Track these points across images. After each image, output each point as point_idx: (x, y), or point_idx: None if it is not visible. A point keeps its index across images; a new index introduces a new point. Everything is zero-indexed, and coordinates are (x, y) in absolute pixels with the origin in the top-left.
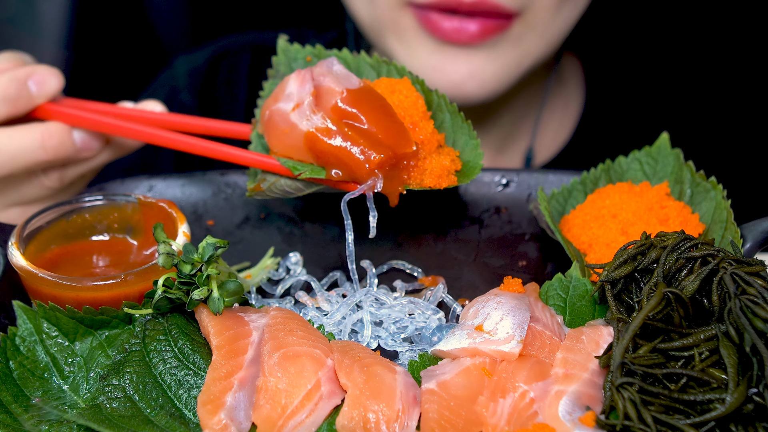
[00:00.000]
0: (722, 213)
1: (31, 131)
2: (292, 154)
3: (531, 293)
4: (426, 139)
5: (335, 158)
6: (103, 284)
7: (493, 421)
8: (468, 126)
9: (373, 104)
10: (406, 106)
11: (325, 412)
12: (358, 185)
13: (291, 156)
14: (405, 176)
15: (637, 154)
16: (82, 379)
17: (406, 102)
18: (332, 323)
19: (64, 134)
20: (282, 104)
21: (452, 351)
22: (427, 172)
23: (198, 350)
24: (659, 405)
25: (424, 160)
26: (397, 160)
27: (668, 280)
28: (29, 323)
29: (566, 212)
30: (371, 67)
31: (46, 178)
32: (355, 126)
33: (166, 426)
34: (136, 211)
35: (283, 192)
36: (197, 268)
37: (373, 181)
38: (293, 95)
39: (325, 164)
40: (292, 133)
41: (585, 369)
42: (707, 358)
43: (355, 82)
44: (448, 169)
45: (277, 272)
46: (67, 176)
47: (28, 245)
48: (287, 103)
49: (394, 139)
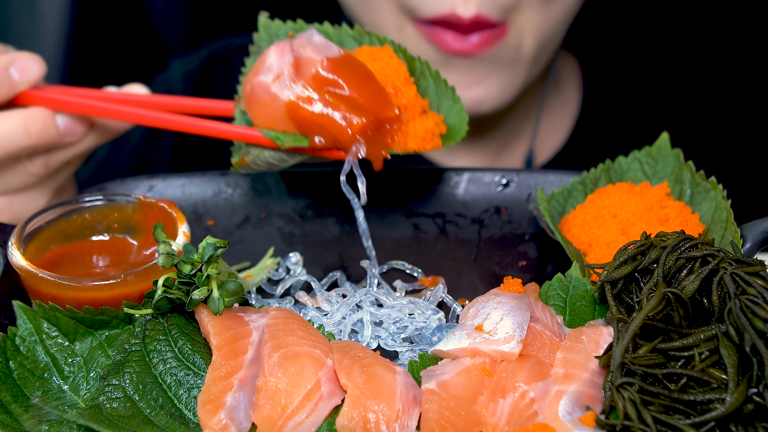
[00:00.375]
0: (722, 213)
1: (13, 117)
2: (275, 126)
3: (531, 293)
4: (409, 104)
5: (317, 125)
6: (103, 284)
7: (493, 421)
8: (452, 91)
9: (354, 71)
10: (387, 73)
11: (325, 412)
12: (341, 152)
13: (273, 127)
14: (388, 140)
15: (637, 154)
16: (82, 379)
17: (388, 69)
18: (332, 323)
19: (48, 119)
20: (262, 77)
21: (452, 351)
22: (410, 136)
23: (198, 350)
24: (659, 405)
25: (407, 123)
26: (380, 125)
27: (668, 280)
28: (29, 323)
29: (566, 212)
30: (353, 39)
31: (31, 165)
32: (336, 92)
33: (166, 426)
34: (136, 211)
35: (267, 164)
36: (197, 268)
37: (356, 148)
38: (273, 67)
39: (307, 133)
40: (273, 104)
41: (585, 369)
42: (707, 358)
43: (335, 51)
44: (432, 131)
45: (277, 272)
46: (53, 162)
47: (28, 245)
48: (267, 75)
49: (375, 104)
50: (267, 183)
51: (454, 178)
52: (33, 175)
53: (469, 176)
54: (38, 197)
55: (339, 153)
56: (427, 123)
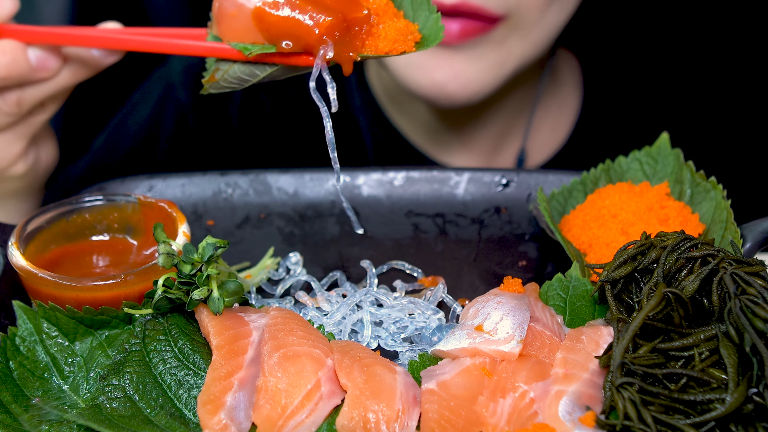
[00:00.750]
0: (722, 213)
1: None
2: (243, 38)
3: (531, 293)
4: (380, 8)
5: (284, 28)
6: (103, 284)
7: (493, 421)
8: (427, 2)
9: None
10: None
11: (325, 412)
12: (309, 57)
13: (242, 40)
14: (357, 43)
15: (637, 154)
16: (82, 379)
17: None
18: (332, 323)
19: (18, 51)
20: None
21: (452, 351)
22: (381, 38)
23: (198, 350)
24: (659, 405)
25: (377, 26)
26: (348, 25)
27: (668, 280)
28: (29, 323)
29: (566, 212)
30: None
31: (2, 102)
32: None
33: (166, 426)
34: (136, 211)
35: (238, 79)
36: (197, 268)
37: (324, 49)
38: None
39: (275, 40)
40: (240, 14)
41: (585, 369)
42: (707, 358)
43: None
44: (404, 33)
45: (277, 272)
46: (26, 99)
47: (28, 245)
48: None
49: (343, 4)
50: (267, 183)
51: (454, 178)
52: (5, 113)
53: (469, 176)
54: (14, 142)
55: (307, 59)
56: (399, 25)
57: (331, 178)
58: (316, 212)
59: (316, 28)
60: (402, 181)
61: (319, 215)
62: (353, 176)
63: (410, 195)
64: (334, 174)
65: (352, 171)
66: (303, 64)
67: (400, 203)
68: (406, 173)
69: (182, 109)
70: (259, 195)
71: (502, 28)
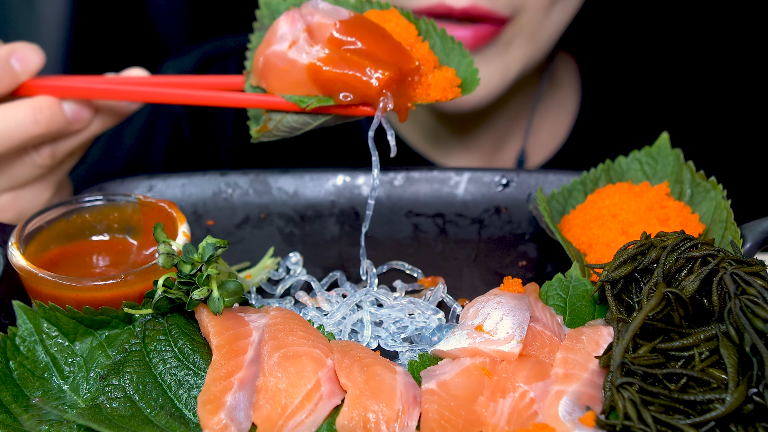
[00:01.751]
0: (722, 213)
1: (21, 106)
2: (295, 91)
3: (531, 293)
4: (424, 58)
5: (342, 84)
6: (103, 284)
7: (493, 421)
8: (459, 46)
9: (369, 30)
10: (398, 32)
11: (325, 412)
12: (366, 108)
13: (294, 93)
14: (411, 92)
15: (637, 154)
16: (82, 379)
17: (398, 28)
18: (332, 323)
19: (55, 106)
20: (277, 46)
21: (452, 351)
22: (431, 87)
23: (198, 350)
24: (659, 405)
25: (427, 75)
26: (403, 77)
27: (668, 280)
28: (29, 323)
29: (566, 212)
30: (354, 8)
31: (37, 156)
32: (356, 50)
33: (166, 426)
34: (136, 211)
35: (290, 128)
36: (197, 268)
37: (384, 102)
38: (286, 35)
39: (331, 93)
40: (292, 69)
41: (585, 369)
42: (707, 358)
43: (345, 14)
44: (451, 81)
45: (277, 272)
46: (59, 151)
47: (28, 245)
48: (282, 43)
49: (396, 58)
50: (267, 183)
51: (454, 178)
52: (39, 166)
53: (469, 176)
54: (42, 192)
55: (363, 109)
56: (446, 74)
57: (332, 178)
58: (316, 212)
59: (375, 82)
60: (402, 181)
61: (319, 215)
62: (353, 176)
63: (410, 195)
64: (334, 174)
65: (352, 171)
66: (361, 115)
67: (400, 203)
68: (406, 173)
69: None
70: (259, 195)
71: (508, 31)
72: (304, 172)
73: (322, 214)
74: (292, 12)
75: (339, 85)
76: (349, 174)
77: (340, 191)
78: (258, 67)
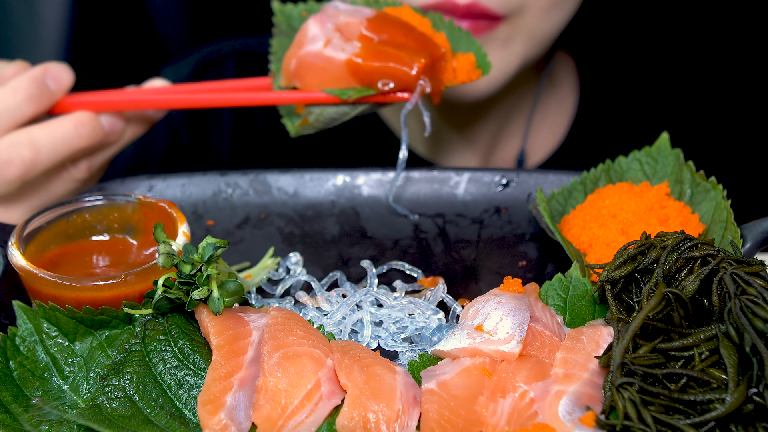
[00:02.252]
0: (722, 213)
1: (63, 122)
2: (334, 85)
3: (531, 293)
4: (444, 46)
5: (381, 74)
6: (103, 284)
7: (493, 421)
8: (467, 35)
9: (394, 24)
10: (416, 24)
11: (325, 412)
12: (402, 93)
13: (333, 87)
14: (441, 77)
15: (637, 154)
16: (82, 379)
17: (414, 22)
18: (332, 323)
19: (94, 120)
20: (310, 46)
21: (452, 351)
22: (457, 71)
23: (198, 350)
24: (659, 405)
25: (451, 61)
26: (434, 63)
27: (668, 280)
28: (29, 323)
29: (566, 212)
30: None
31: (75, 170)
32: (390, 42)
33: (166, 426)
34: (136, 211)
35: (330, 120)
36: (197, 268)
37: (421, 86)
38: (318, 35)
39: (369, 83)
40: (330, 66)
41: (585, 369)
42: (707, 358)
43: (368, 12)
44: (473, 64)
45: (277, 272)
46: (95, 164)
47: (28, 245)
48: (315, 43)
49: (426, 46)
50: (267, 183)
51: (454, 178)
52: (76, 180)
53: (469, 176)
54: None
55: (400, 96)
56: (468, 58)
57: (332, 178)
58: (316, 212)
59: (413, 70)
60: (402, 181)
61: (319, 215)
62: (353, 176)
63: (410, 195)
64: (334, 174)
65: (352, 171)
66: (397, 101)
67: (400, 203)
68: (406, 173)
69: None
70: (259, 195)
71: (504, 28)
72: (304, 172)
73: (322, 214)
74: (319, 15)
75: (378, 75)
76: (349, 174)
77: (340, 191)
78: (290, 69)
